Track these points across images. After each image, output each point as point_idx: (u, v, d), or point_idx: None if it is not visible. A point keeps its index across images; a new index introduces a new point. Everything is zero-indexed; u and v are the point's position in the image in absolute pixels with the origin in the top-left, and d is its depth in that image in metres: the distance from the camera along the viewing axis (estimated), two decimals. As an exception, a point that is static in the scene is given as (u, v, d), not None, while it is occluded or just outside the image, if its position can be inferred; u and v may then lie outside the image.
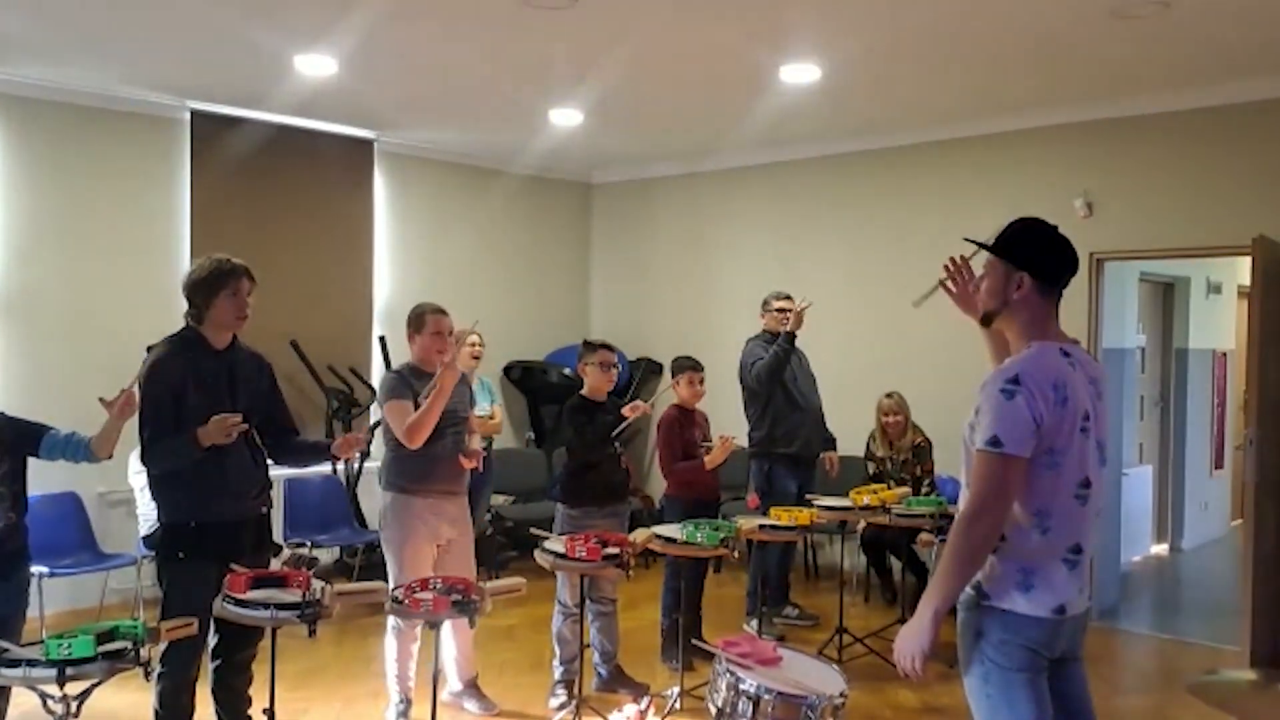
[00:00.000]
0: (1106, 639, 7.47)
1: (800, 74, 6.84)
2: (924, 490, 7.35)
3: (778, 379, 7.13)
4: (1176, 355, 10.43)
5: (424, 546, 5.43)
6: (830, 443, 7.50)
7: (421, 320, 5.50)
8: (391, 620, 5.37)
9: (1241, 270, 9.86)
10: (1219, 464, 11.15)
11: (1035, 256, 3.31)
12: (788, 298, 7.32)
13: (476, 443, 5.68)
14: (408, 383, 5.39)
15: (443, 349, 5.39)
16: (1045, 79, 6.97)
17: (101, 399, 4.33)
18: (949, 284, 3.73)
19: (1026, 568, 3.07)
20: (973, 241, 3.48)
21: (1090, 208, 7.66)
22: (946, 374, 8.03)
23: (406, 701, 5.51)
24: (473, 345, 7.30)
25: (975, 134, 8.22)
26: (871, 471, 7.60)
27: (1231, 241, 7.01)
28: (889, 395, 7.66)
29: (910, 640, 3.07)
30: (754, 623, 6.55)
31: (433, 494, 5.44)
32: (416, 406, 5.28)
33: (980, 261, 3.51)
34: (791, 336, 7.05)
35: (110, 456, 4.45)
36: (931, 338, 8.38)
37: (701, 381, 6.60)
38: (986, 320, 3.38)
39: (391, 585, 4.81)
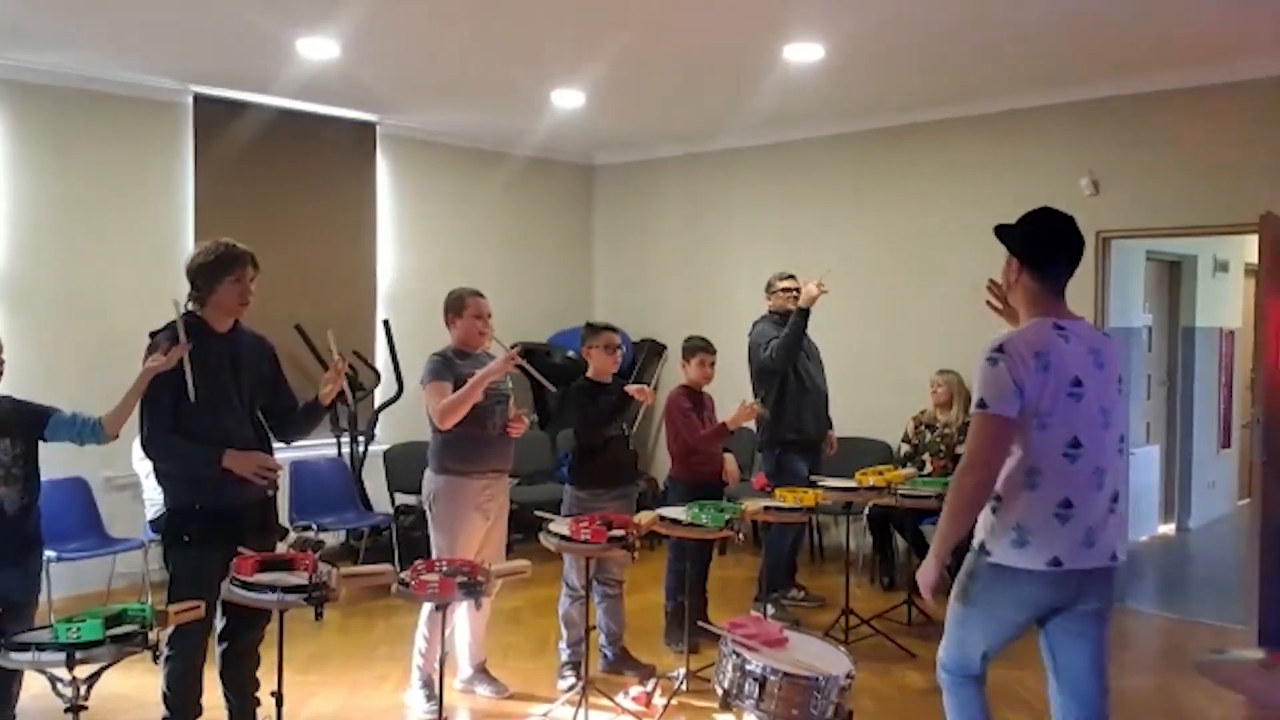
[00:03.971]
0: (1114, 618, 7.44)
1: (803, 53, 6.81)
2: None
3: (795, 356, 7.09)
4: (1183, 334, 10.41)
5: (477, 528, 5.52)
6: (829, 423, 7.50)
7: (461, 303, 5.59)
8: (429, 604, 5.37)
9: (1249, 248, 9.82)
10: (1226, 443, 11.13)
11: (1026, 246, 3.66)
12: (791, 277, 7.31)
13: (513, 408, 5.72)
14: (450, 365, 5.47)
15: (484, 330, 5.58)
16: (1050, 57, 6.93)
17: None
18: (994, 303, 4.05)
19: (1021, 524, 3.46)
20: (997, 232, 3.79)
21: (1096, 186, 7.63)
22: (949, 354, 8.04)
23: (432, 684, 5.51)
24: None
25: (980, 112, 8.19)
26: (904, 452, 7.70)
27: (1238, 219, 6.98)
28: (940, 372, 7.97)
29: (921, 575, 3.63)
30: (768, 608, 6.55)
31: (486, 474, 5.53)
32: (457, 384, 5.37)
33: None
34: (805, 312, 7.00)
35: (118, 436, 4.45)
36: (935, 318, 8.38)
37: (713, 364, 6.60)
38: (1006, 302, 3.88)
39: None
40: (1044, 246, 3.65)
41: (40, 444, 4.43)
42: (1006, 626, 3.63)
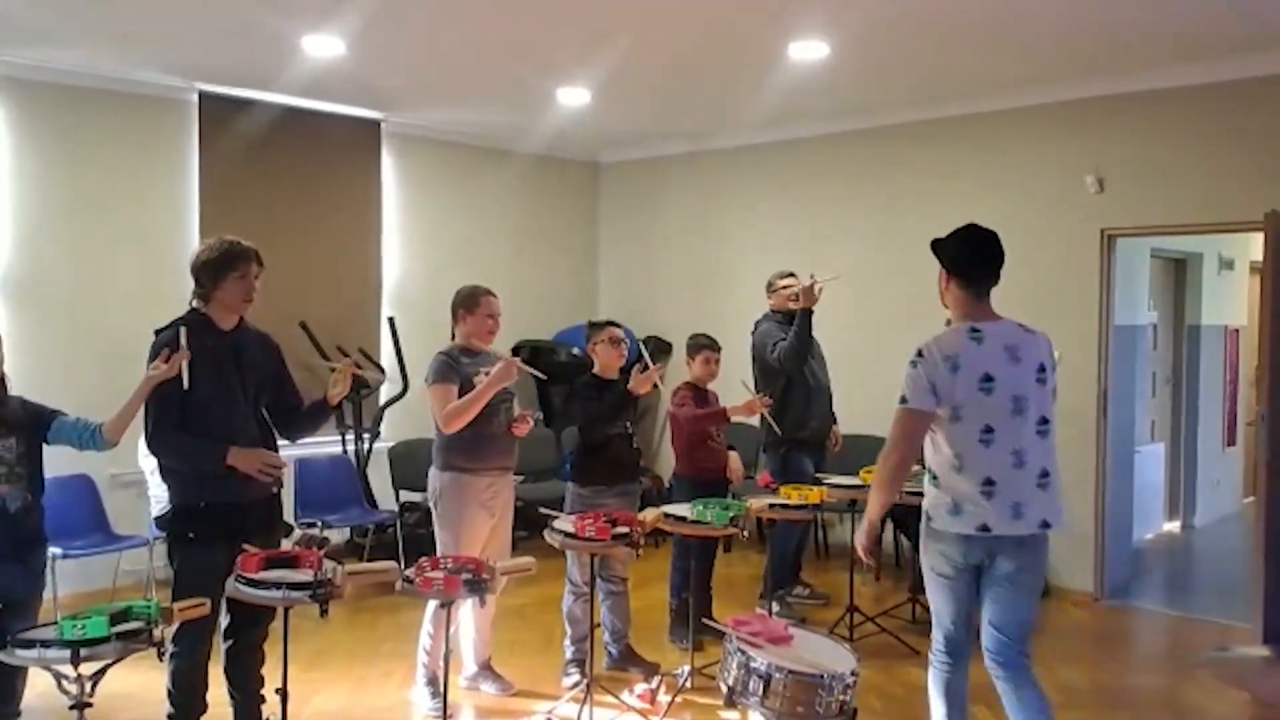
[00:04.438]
0: (1119, 616, 7.47)
1: (808, 51, 6.81)
2: None
3: (804, 359, 7.05)
4: (1188, 332, 10.40)
5: (481, 525, 5.52)
6: (834, 420, 7.48)
7: (476, 300, 5.59)
8: (434, 602, 5.38)
9: (1254, 246, 9.79)
10: (1231, 441, 11.12)
11: (953, 259, 4.26)
12: (791, 275, 7.29)
13: (518, 408, 5.73)
14: (455, 366, 5.47)
15: (494, 329, 5.59)
16: (1056, 54, 6.92)
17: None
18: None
19: (955, 499, 4.10)
20: (931, 246, 4.35)
21: (1101, 184, 7.62)
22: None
23: (437, 681, 5.52)
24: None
25: (986, 110, 8.17)
26: None
27: (1243, 217, 6.98)
28: None
29: (857, 539, 4.42)
30: (774, 605, 6.55)
31: (491, 472, 5.53)
32: (463, 384, 5.39)
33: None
34: (809, 313, 6.97)
35: (118, 443, 4.44)
36: (943, 315, 8.35)
37: (718, 361, 6.60)
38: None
39: None
40: (968, 259, 4.24)
41: (44, 444, 4.44)
42: (950, 585, 4.21)
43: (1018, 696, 4.21)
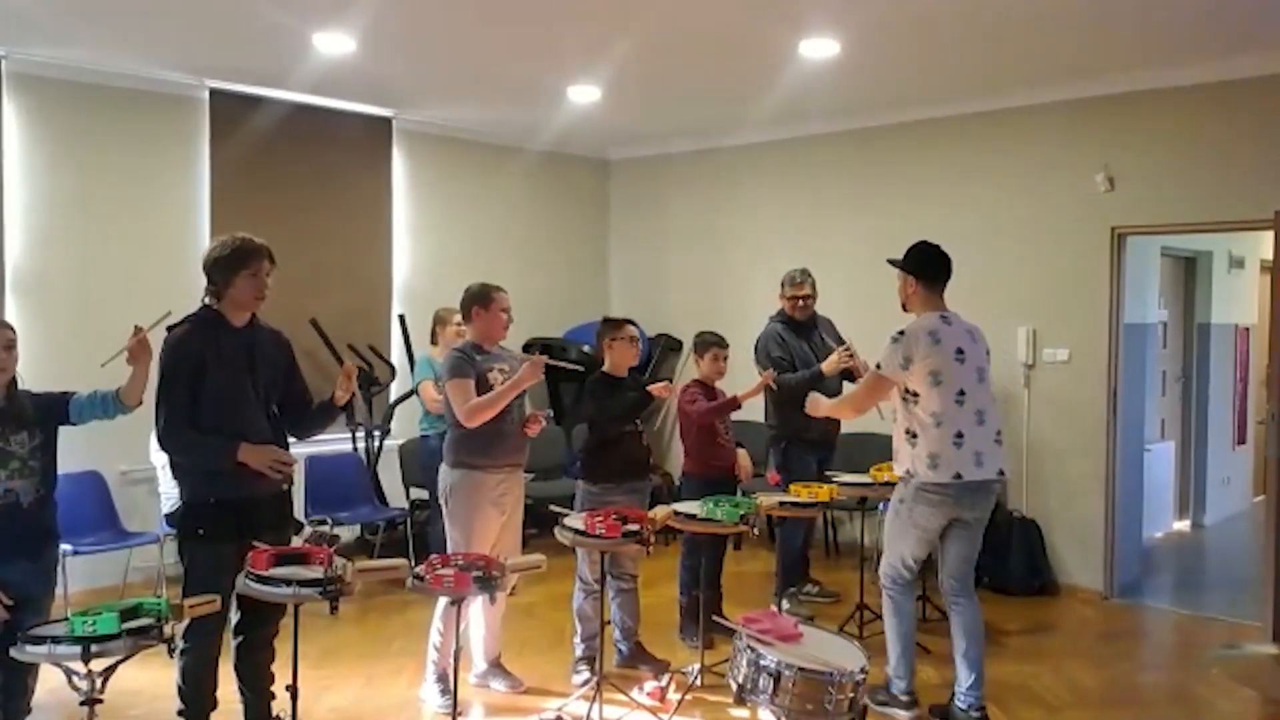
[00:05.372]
0: (1129, 614, 7.46)
1: (819, 49, 6.80)
2: None
3: (800, 400, 6.95)
4: (1198, 330, 10.37)
5: (492, 521, 5.53)
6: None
7: (489, 297, 5.62)
8: (444, 599, 5.38)
9: (1264, 244, 9.78)
10: (1241, 439, 11.10)
11: (916, 268, 5.40)
12: (803, 273, 7.25)
13: (530, 408, 5.76)
14: (471, 361, 5.50)
15: (508, 325, 5.66)
16: (1066, 52, 6.91)
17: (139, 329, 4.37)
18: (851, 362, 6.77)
19: (932, 453, 5.09)
20: (891, 261, 5.54)
21: (1111, 182, 7.60)
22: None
23: (447, 678, 5.53)
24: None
25: (996, 108, 8.15)
26: None
27: (1254, 215, 6.97)
28: None
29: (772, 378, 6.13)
30: (784, 603, 6.55)
31: (502, 469, 5.55)
32: (479, 381, 5.41)
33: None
34: (820, 374, 6.87)
35: (140, 403, 4.46)
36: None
37: (726, 358, 6.58)
38: (905, 308, 5.48)
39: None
40: (931, 266, 5.38)
41: (58, 437, 4.45)
42: (926, 534, 5.23)
43: (970, 612, 5.28)
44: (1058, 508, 7.93)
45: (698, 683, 5.65)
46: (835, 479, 6.57)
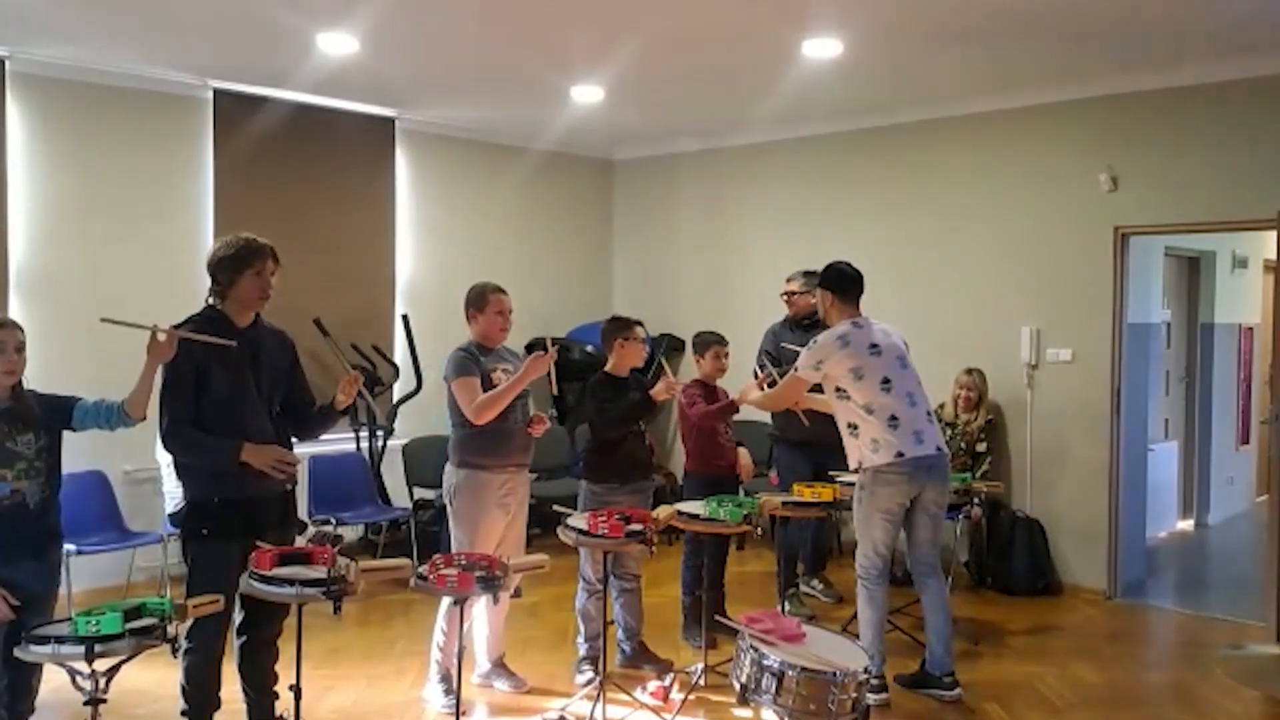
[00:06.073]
0: (1132, 614, 7.46)
1: (822, 49, 6.79)
2: (983, 467, 7.80)
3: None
4: (1202, 330, 10.36)
5: (497, 521, 5.54)
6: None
7: (484, 299, 5.62)
8: (447, 599, 5.39)
9: (1268, 244, 9.75)
10: (1245, 439, 11.09)
11: (833, 285, 5.81)
12: (805, 273, 7.26)
13: (533, 408, 5.77)
14: (475, 360, 5.51)
15: (505, 327, 5.64)
16: (1069, 52, 6.90)
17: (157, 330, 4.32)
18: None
19: (873, 439, 5.51)
20: (809, 272, 6.58)
21: (1115, 182, 7.60)
22: (972, 351, 8.05)
23: (450, 678, 5.53)
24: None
25: (1000, 108, 8.14)
26: None
27: (1258, 215, 6.97)
28: (968, 372, 8.01)
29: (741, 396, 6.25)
30: (785, 603, 6.55)
31: (507, 468, 5.56)
32: (482, 379, 5.43)
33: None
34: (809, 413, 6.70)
35: (144, 417, 4.43)
36: (955, 314, 8.36)
37: (726, 356, 6.57)
38: (823, 320, 5.92)
39: None
40: (846, 282, 5.80)
41: (63, 437, 4.45)
42: (890, 516, 5.57)
43: (936, 589, 5.70)
44: (1062, 508, 7.93)
45: (701, 682, 5.66)
46: (839, 479, 6.55)
